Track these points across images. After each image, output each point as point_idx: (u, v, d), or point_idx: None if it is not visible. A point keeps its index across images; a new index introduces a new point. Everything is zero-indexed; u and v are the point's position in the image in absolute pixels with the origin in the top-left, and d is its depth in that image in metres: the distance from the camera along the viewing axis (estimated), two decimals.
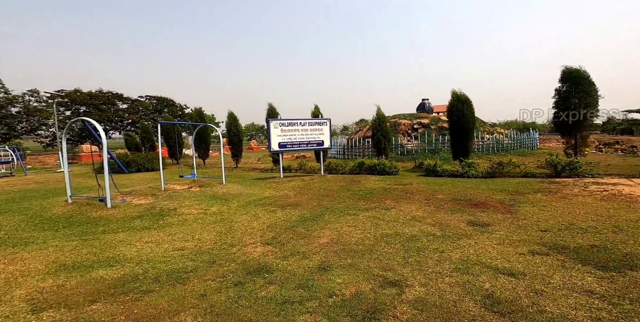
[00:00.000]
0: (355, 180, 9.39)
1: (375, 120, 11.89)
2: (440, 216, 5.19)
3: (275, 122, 10.02)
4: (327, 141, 10.77)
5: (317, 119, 10.67)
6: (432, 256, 3.55)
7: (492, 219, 4.88)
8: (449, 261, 3.39)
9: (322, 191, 8.02)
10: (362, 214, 5.55)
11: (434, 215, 5.25)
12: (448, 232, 4.34)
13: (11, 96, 25.92)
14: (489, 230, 4.35)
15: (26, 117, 27.53)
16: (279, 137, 10.06)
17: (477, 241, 3.95)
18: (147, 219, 5.52)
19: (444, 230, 4.43)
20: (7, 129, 26.18)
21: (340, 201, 6.76)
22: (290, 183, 9.46)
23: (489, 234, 4.16)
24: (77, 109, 34.50)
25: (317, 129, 10.59)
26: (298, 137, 10.32)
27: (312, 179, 10.14)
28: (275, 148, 10.02)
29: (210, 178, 9.66)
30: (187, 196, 7.23)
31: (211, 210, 6.17)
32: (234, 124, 15.48)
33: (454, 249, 3.69)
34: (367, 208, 5.95)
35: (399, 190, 7.57)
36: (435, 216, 5.17)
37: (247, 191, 8.19)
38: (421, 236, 4.23)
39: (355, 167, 11.02)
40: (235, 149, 15.74)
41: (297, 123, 10.28)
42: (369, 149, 17.43)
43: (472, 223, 4.69)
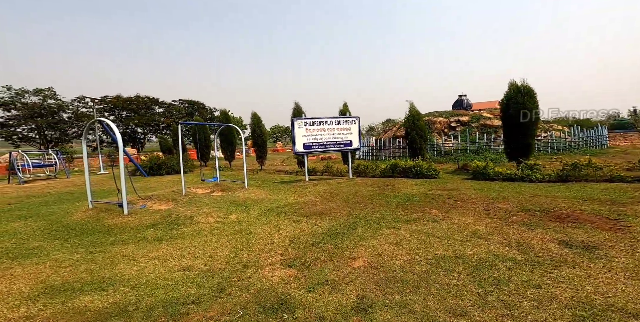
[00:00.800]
0: (388, 184, 8.37)
1: (408, 118, 10.72)
2: (511, 232, 4.07)
3: (299, 121, 9.34)
4: (355, 141, 9.86)
5: (344, 117, 9.81)
6: (523, 292, 2.54)
7: (595, 238, 3.66)
8: (555, 302, 2.36)
9: (352, 197, 7.14)
10: (403, 226, 4.60)
11: (503, 231, 4.13)
12: (534, 256, 3.25)
13: (61, 103, 28.41)
14: (601, 255, 3.18)
15: (76, 122, 29.99)
16: (303, 137, 9.36)
17: (589, 271, 2.84)
18: (161, 228, 5.05)
19: (527, 253, 3.34)
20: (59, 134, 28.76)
21: (374, 209, 5.84)
22: (316, 187, 8.70)
23: (605, 262, 3.02)
24: (120, 114, 37.02)
25: (345, 128, 9.72)
26: (324, 137, 9.54)
27: (340, 182, 9.29)
28: (299, 149, 9.33)
29: (233, 182, 9.23)
30: (206, 202, 6.76)
31: (229, 218, 5.58)
32: (257, 125, 15.14)
33: (557, 284, 2.64)
34: (408, 219, 4.97)
35: (445, 197, 6.45)
36: (505, 232, 4.05)
37: (270, 196, 7.56)
38: (494, 260, 3.20)
39: (387, 169, 9.97)
40: (259, 150, 15.40)
41: (323, 122, 9.51)
42: (399, 149, 16.16)
43: (568, 244, 3.53)
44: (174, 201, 6.92)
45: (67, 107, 29.11)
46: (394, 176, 9.81)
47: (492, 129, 14.76)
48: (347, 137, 9.72)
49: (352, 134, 9.77)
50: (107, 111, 34.25)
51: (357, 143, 9.85)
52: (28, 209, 7.23)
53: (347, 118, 9.79)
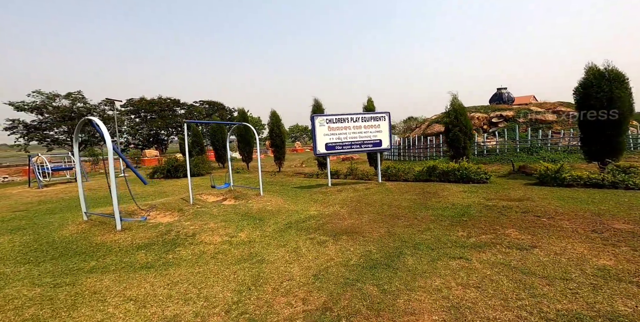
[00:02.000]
0: (429, 191, 7.00)
1: (449, 113, 9.20)
2: None
3: (320, 118, 8.20)
4: (386, 140, 8.55)
5: (372, 113, 8.53)
6: None
7: None
8: None
9: (387, 207, 5.88)
10: (475, 256, 3.32)
11: None
12: None
13: (89, 106, 29.43)
14: None
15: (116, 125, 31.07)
16: (325, 136, 8.21)
17: None
18: (154, 250, 4.10)
19: None
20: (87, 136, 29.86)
21: (422, 226, 4.56)
22: (341, 194, 7.51)
23: None
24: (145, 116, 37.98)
25: (373, 126, 8.44)
26: (349, 136, 8.32)
27: (368, 188, 8.04)
28: (321, 150, 8.19)
29: (247, 188, 8.26)
30: (215, 214, 5.80)
31: (239, 237, 4.54)
32: (276, 124, 14.21)
33: None
34: (478, 244, 3.67)
35: (517, 210, 5.01)
36: None
37: (288, 206, 6.48)
38: None
39: (423, 172, 8.57)
40: (277, 151, 14.46)
41: (347, 119, 8.30)
42: (431, 149, 14.55)
43: None
44: (179, 211, 6.03)
45: (95, 109, 30.14)
46: (431, 179, 8.39)
47: (544, 125, 12.76)
48: (376, 135, 8.44)
49: (381, 133, 8.47)
50: (132, 113, 35.27)
51: (388, 142, 8.53)
52: (30, 218, 6.68)
53: (376, 114, 8.51)
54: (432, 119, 16.98)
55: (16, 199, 9.57)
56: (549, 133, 11.97)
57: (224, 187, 7.36)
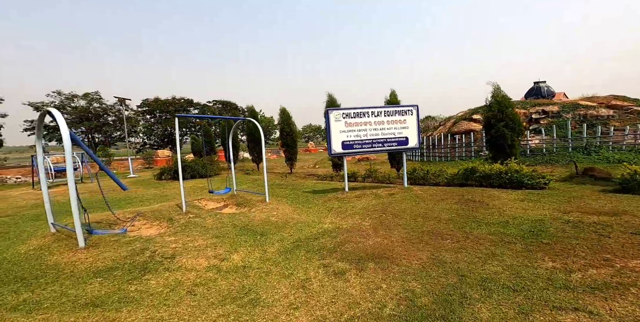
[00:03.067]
0: (471, 198, 5.67)
1: (492, 106, 7.72)
2: None
3: (336, 112, 7.04)
4: (413, 138, 7.26)
5: (397, 107, 7.27)
6: None
7: None
8: None
9: (423, 220, 4.64)
10: (601, 307, 2.06)
11: None
12: None
13: (105, 106, 29.80)
14: None
15: (120, 125, 31.35)
16: (342, 134, 7.04)
17: None
18: (115, 278, 3.09)
19: None
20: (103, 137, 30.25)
21: (480, 250, 3.32)
22: (360, 201, 6.32)
23: None
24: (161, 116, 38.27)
25: (398, 121, 7.19)
26: (370, 132, 7.11)
27: (392, 194, 6.79)
28: (337, 150, 7.02)
29: (252, 193, 7.20)
30: (208, 226, 4.77)
31: (231, 261, 3.46)
32: (286, 121, 13.19)
33: None
34: (593, 285, 2.40)
35: (619, 229, 3.66)
36: None
37: (298, 216, 5.36)
38: None
39: (458, 175, 7.22)
40: (289, 151, 13.43)
41: (368, 113, 7.10)
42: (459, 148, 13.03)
43: None
44: (168, 221, 5.05)
45: (110, 110, 30.52)
46: (467, 184, 7.03)
47: (599, 121, 10.97)
48: (402, 132, 7.17)
49: (408, 129, 7.20)
50: (148, 113, 35.59)
51: (416, 140, 7.23)
52: (9, 225, 5.93)
53: (402, 107, 7.24)
54: (458, 116, 15.39)
55: (11, 201, 9.04)
56: (611, 130, 10.10)
57: (223, 193, 6.35)
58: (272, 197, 7.16)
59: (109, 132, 31.05)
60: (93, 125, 27.57)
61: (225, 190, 6.49)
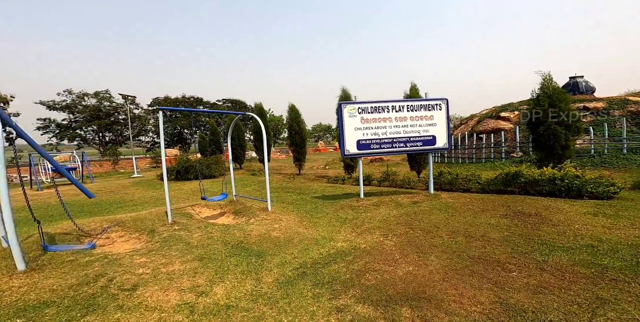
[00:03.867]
0: (521, 210, 4.58)
1: (540, 99, 6.47)
2: None
3: (350, 106, 6.07)
4: (441, 137, 6.20)
5: (422, 100, 6.22)
6: None
7: None
8: None
9: (464, 239, 3.62)
10: None
11: None
12: None
13: (115, 104, 29.84)
14: None
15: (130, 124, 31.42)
16: (357, 131, 6.07)
17: None
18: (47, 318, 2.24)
19: None
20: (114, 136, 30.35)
21: (575, 290, 2.28)
22: (379, 211, 5.34)
23: None
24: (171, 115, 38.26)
25: (424, 117, 6.14)
26: (390, 130, 6.10)
27: (416, 202, 5.77)
28: (351, 150, 6.05)
29: (254, 199, 6.31)
30: (193, 242, 3.91)
31: (211, 297, 2.56)
32: (295, 119, 12.31)
33: None
34: None
35: None
36: None
37: (304, 231, 4.43)
38: None
39: (497, 180, 6.11)
40: (297, 151, 12.55)
41: (387, 107, 6.09)
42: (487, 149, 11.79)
43: None
44: (149, 233, 4.22)
45: (121, 108, 30.57)
46: (507, 191, 5.91)
47: None
48: (428, 130, 6.12)
49: (435, 126, 6.14)
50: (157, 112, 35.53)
51: (445, 140, 6.16)
52: None
53: (428, 101, 6.19)
54: (483, 114, 14.09)
55: None
56: None
57: (219, 199, 5.48)
58: (277, 204, 6.27)
59: (120, 130, 31.13)
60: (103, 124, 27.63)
61: (221, 196, 5.63)
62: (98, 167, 20.41)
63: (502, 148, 10.96)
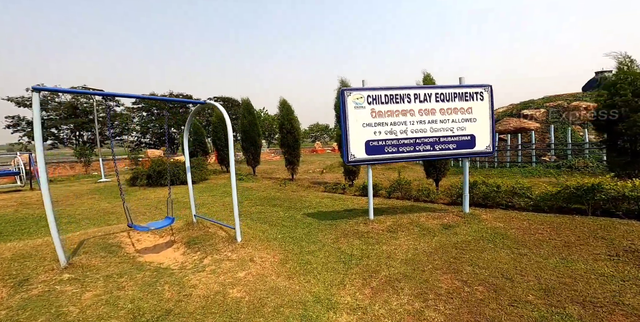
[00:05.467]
0: (628, 245, 2.94)
1: (619, 87, 4.79)
2: None
3: (357, 94, 4.37)
4: (483, 137, 4.53)
5: (456, 87, 4.53)
6: None
7: None
8: None
9: (583, 310, 1.93)
10: None
11: None
12: None
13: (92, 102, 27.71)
14: None
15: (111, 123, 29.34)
16: (366, 129, 4.38)
17: None
18: None
19: None
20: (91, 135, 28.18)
21: None
22: (399, 242, 3.65)
23: None
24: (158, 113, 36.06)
25: (459, 109, 4.48)
26: (412, 127, 4.42)
27: (448, 226, 4.12)
28: (358, 154, 4.35)
29: (217, 224, 4.43)
30: (71, 314, 2.15)
31: None
32: (287, 117, 10.60)
33: None
34: None
35: None
36: None
37: (286, 286, 2.70)
38: None
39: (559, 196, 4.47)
40: (289, 153, 10.82)
41: (409, 96, 4.41)
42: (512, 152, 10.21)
43: None
44: (15, 286, 2.46)
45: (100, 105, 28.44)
46: (570, 209, 4.30)
47: None
48: (465, 127, 4.45)
49: (475, 122, 4.47)
50: (144, 110, 33.50)
51: (488, 141, 4.49)
52: None
53: (465, 87, 4.51)
54: (500, 112, 12.57)
55: None
56: None
57: (157, 227, 3.64)
58: (256, 225, 4.56)
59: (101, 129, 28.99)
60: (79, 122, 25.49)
61: (163, 221, 3.83)
62: (69, 169, 18.39)
63: (532, 151, 9.41)
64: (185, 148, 4.77)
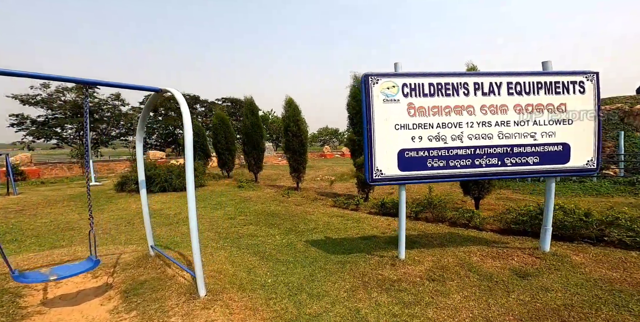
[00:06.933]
0: None
1: None
2: None
3: (388, 82, 3.01)
4: (583, 147, 3.07)
5: (540, 75, 3.12)
6: None
7: None
8: None
9: None
10: None
11: None
12: None
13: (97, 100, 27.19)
14: None
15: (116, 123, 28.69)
16: (401, 131, 3.02)
17: None
18: None
19: None
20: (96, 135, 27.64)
21: None
22: (453, 305, 2.23)
23: None
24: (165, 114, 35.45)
25: (545, 107, 3.06)
26: (471, 130, 3.02)
27: (524, 275, 2.69)
28: (387, 170, 2.99)
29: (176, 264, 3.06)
30: None
31: None
32: (293, 118, 9.31)
33: None
34: None
35: None
36: None
37: None
38: None
39: None
40: (295, 159, 9.51)
41: (466, 86, 3.03)
42: None
43: None
44: None
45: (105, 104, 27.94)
46: None
47: None
48: (554, 132, 3.02)
49: (570, 125, 3.04)
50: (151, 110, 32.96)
51: (591, 153, 3.04)
52: None
53: (555, 75, 3.10)
54: None
55: None
56: None
57: (62, 276, 2.21)
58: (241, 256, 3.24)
59: (105, 129, 28.49)
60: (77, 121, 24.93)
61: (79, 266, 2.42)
62: (66, 170, 17.60)
63: None
64: (138, 151, 3.51)
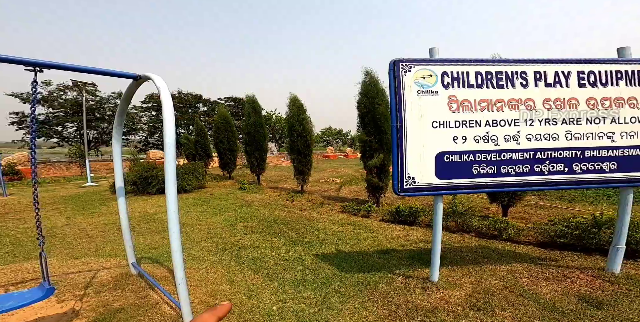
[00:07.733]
0: None
1: None
2: None
3: (424, 69, 2.45)
4: None
5: (619, 63, 2.52)
6: None
7: None
8: None
9: None
10: None
11: None
12: None
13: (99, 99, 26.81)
14: None
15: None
16: (440, 130, 2.45)
17: None
18: None
19: None
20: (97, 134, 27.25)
21: None
22: None
23: None
24: None
25: (627, 101, 2.49)
26: (531, 130, 2.44)
27: (598, 303, 2.08)
28: (421, 177, 2.44)
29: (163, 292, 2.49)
30: None
31: None
32: (297, 117, 8.75)
33: None
34: None
35: None
36: None
37: None
38: None
39: None
40: (299, 161, 8.94)
41: (525, 75, 2.45)
42: None
43: None
44: None
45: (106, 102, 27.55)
46: None
47: None
48: (636, 133, 2.47)
49: None
50: (153, 109, 32.62)
51: None
52: None
53: (637, 63, 2.54)
54: None
55: None
56: None
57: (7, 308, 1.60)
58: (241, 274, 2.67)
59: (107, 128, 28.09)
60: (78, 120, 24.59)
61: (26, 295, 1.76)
62: (64, 170, 17.18)
63: None
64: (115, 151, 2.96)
